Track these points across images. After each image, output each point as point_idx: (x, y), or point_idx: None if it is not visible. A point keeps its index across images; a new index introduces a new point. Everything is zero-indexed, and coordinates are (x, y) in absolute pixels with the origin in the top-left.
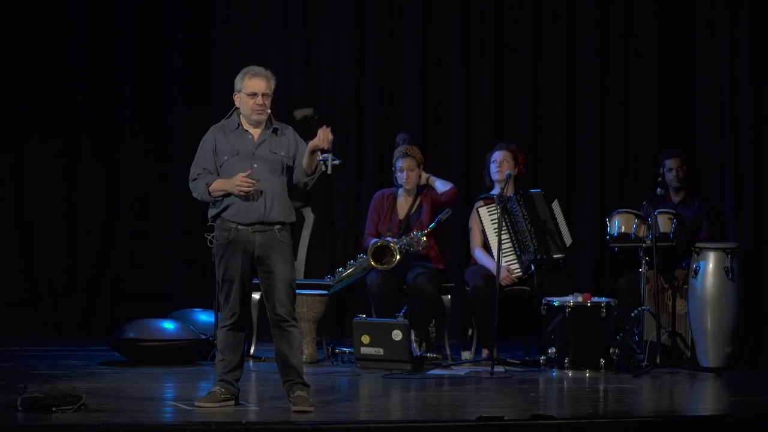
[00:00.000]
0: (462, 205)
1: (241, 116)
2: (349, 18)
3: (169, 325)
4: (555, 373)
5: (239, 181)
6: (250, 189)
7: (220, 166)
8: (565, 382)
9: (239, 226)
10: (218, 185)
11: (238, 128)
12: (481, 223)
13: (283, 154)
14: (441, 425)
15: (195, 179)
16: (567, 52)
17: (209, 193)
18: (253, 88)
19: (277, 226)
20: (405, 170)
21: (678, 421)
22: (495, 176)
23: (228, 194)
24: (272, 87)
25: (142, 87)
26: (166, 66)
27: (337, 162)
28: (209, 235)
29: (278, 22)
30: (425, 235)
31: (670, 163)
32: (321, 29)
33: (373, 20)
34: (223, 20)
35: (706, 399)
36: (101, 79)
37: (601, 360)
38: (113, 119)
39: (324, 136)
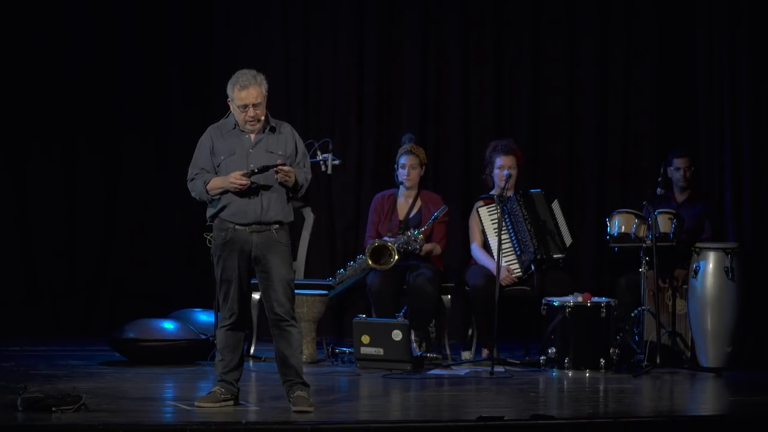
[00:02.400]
0: (462, 205)
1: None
2: (349, 18)
3: (169, 325)
4: (555, 373)
5: (233, 178)
6: (245, 184)
7: (218, 166)
8: (565, 382)
9: (237, 226)
10: (215, 183)
11: (234, 128)
12: (481, 223)
13: (280, 152)
14: (441, 425)
15: (193, 179)
16: (567, 52)
17: (207, 192)
18: (243, 100)
19: (275, 226)
20: (407, 167)
21: (678, 421)
22: (501, 183)
23: (225, 192)
24: (264, 91)
25: (142, 87)
26: (166, 66)
27: (337, 162)
28: (208, 235)
29: (278, 22)
30: (422, 233)
31: (678, 162)
32: (321, 30)
33: (373, 20)
34: (224, 21)
35: (706, 399)
36: (101, 80)
37: (601, 360)
38: (113, 119)
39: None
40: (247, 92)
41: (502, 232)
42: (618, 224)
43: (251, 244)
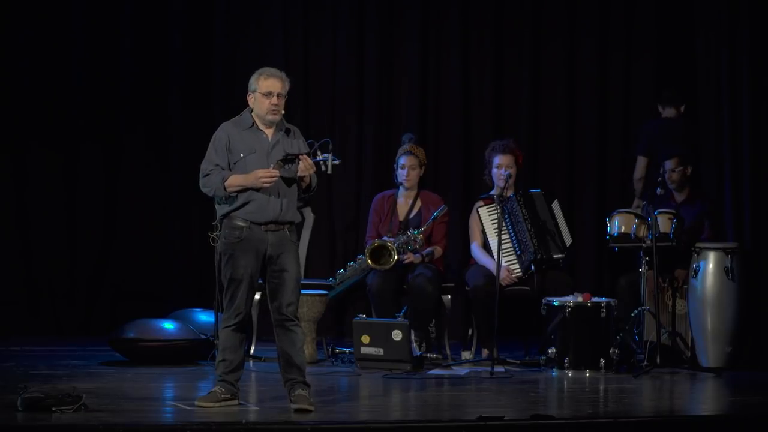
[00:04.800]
0: (462, 205)
1: (254, 115)
2: (349, 18)
3: (169, 325)
4: (555, 373)
5: (261, 174)
6: (273, 180)
7: (234, 163)
8: (565, 382)
9: (252, 225)
10: (235, 181)
11: (252, 127)
12: (481, 223)
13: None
14: (441, 425)
15: (207, 175)
16: (567, 52)
17: (224, 189)
18: (268, 87)
19: (288, 226)
20: (407, 167)
21: (678, 421)
22: (500, 182)
23: (245, 190)
24: (286, 88)
25: (142, 87)
26: (166, 66)
27: (337, 162)
28: (213, 234)
29: (278, 22)
30: (422, 233)
31: (668, 163)
32: (321, 29)
33: (373, 20)
34: (224, 21)
35: (706, 399)
36: (101, 80)
37: (601, 360)
38: (113, 120)
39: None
40: (274, 80)
41: (502, 232)
42: (618, 224)
43: (266, 244)
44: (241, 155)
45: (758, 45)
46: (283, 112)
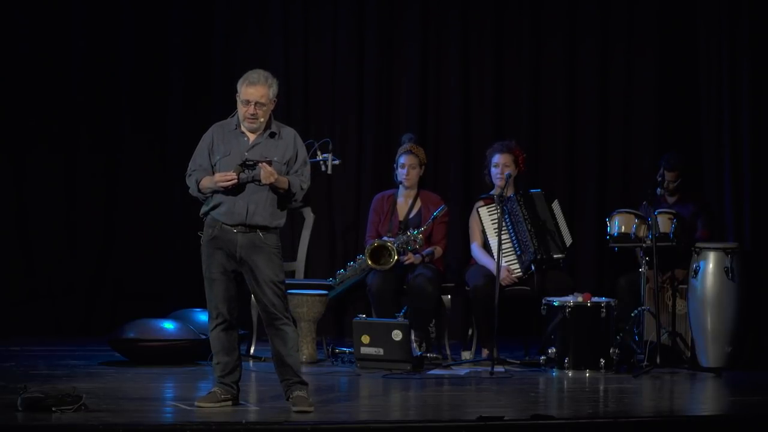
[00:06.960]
0: (462, 205)
1: (239, 117)
2: (349, 18)
3: (169, 325)
4: (555, 373)
5: (217, 178)
6: (229, 183)
7: (214, 165)
8: (565, 382)
9: (223, 226)
10: (205, 183)
11: (236, 129)
12: (481, 223)
13: (275, 159)
14: (441, 425)
15: (189, 175)
16: (567, 52)
17: (199, 191)
18: (246, 96)
19: (261, 230)
20: (407, 167)
21: (678, 421)
22: (497, 181)
23: (216, 191)
24: (271, 94)
25: (142, 87)
26: (166, 66)
27: (337, 162)
28: (202, 233)
29: (278, 22)
30: (422, 233)
31: (667, 175)
32: (321, 29)
33: (373, 20)
34: (223, 20)
35: (706, 399)
36: (101, 80)
37: (601, 360)
38: (113, 120)
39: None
40: (253, 89)
41: (502, 232)
42: (618, 224)
43: (236, 245)
44: (218, 157)
45: (758, 44)
46: (261, 120)
